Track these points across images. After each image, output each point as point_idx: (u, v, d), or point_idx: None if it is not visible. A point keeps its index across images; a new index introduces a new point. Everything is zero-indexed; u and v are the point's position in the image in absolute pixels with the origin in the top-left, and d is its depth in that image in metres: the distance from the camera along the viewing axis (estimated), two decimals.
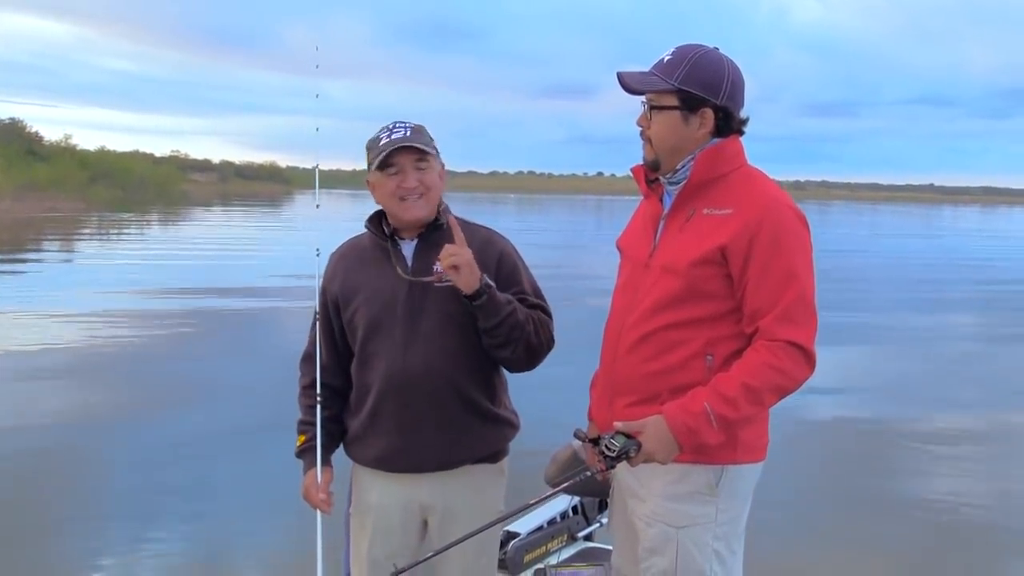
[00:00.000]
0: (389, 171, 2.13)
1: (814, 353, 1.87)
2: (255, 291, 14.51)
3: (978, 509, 5.36)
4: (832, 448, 6.62)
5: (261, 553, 4.40)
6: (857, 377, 9.02)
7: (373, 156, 2.15)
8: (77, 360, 8.99)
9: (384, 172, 2.13)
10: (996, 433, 7.27)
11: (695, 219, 1.96)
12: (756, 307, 1.88)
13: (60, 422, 6.67)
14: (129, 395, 7.68)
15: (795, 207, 1.95)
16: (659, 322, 1.95)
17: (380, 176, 2.15)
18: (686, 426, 1.82)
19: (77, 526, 4.64)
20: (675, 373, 1.94)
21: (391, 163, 2.12)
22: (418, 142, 2.12)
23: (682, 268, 1.93)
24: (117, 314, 11.74)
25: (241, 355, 9.53)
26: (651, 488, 2.00)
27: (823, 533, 4.88)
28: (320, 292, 2.28)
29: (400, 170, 2.13)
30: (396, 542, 2.22)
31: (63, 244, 24.20)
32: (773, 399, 1.87)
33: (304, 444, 2.25)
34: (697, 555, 1.95)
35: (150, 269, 17.33)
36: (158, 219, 37.55)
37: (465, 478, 2.21)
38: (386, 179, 2.14)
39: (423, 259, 2.17)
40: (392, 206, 2.16)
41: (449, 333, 2.14)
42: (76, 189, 44.95)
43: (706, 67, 1.95)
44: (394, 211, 2.17)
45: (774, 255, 1.87)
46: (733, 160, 1.99)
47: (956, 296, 16.82)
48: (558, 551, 3.10)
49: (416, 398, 2.13)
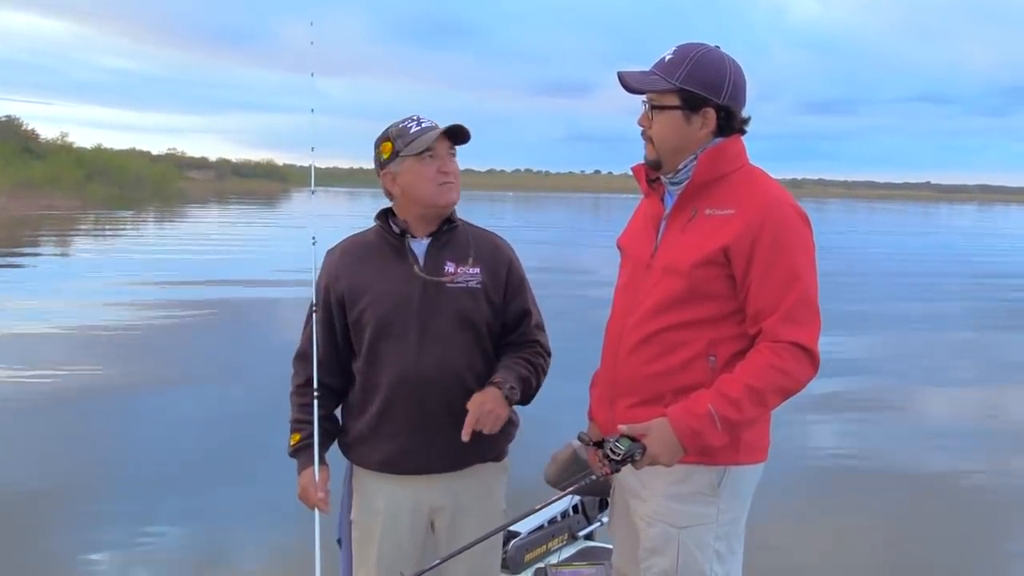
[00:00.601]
0: (427, 156, 2.12)
1: (818, 354, 1.86)
2: (256, 283, 14.59)
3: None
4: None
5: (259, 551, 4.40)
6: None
7: (405, 143, 2.13)
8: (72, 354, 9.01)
9: (420, 158, 2.12)
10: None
11: (697, 219, 1.95)
12: (759, 308, 1.87)
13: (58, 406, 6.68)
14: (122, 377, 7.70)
15: (797, 207, 1.94)
16: (661, 323, 1.94)
17: (414, 163, 2.13)
18: (690, 428, 1.81)
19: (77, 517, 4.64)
20: (677, 374, 1.93)
21: (430, 148, 2.12)
22: (461, 126, 2.14)
23: (684, 269, 1.92)
24: (119, 306, 11.77)
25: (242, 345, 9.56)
26: (653, 488, 1.99)
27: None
28: (322, 289, 2.23)
29: (437, 155, 2.13)
30: (404, 547, 2.19)
31: (59, 241, 24.17)
32: (777, 400, 1.87)
33: (299, 443, 2.21)
34: (698, 555, 1.95)
35: (146, 265, 17.33)
36: (155, 217, 37.52)
37: (474, 477, 2.21)
38: (423, 165, 2.12)
39: (435, 258, 2.16)
40: (429, 191, 2.13)
41: (462, 334, 2.13)
42: (72, 187, 44.89)
43: (708, 66, 1.93)
44: (430, 197, 2.14)
45: (777, 255, 1.86)
46: (735, 160, 1.98)
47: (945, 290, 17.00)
48: (559, 550, 3.11)
49: (429, 399, 2.12)
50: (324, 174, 36.29)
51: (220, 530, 4.63)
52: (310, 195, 2.75)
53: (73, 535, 4.49)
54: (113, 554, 4.29)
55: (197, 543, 4.46)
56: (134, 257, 19.12)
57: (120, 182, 54.52)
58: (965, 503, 5.29)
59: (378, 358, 2.15)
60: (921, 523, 4.95)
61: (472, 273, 2.16)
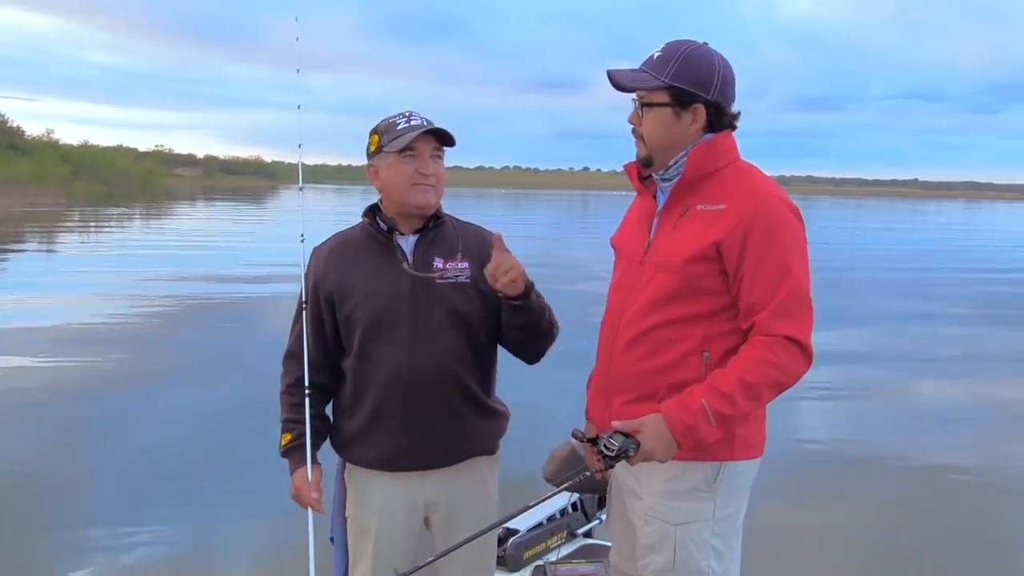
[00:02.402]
0: (407, 154, 2.10)
1: (811, 347, 1.87)
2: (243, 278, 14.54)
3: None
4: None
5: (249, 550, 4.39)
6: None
7: (389, 139, 2.11)
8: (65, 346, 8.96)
9: (401, 155, 2.10)
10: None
11: (689, 215, 1.95)
12: (752, 302, 1.87)
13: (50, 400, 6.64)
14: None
15: (789, 201, 1.94)
16: (655, 319, 1.95)
17: (395, 160, 2.11)
18: (684, 424, 1.81)
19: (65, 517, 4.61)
20: (672, 370, 1.93)
21: (411, 147, 2.10)
22: (445, 130, 2.11)
23: (677, 265, 1.92)
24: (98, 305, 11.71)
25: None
26: (649, 485, 1.99)
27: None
28: (310, 288, 2.21)
29: (419, 155, 2.11)
30: (400, 543, 2.18)
31: (43, 238, 23.98)
32: (770, 395, 1.87)
33: (291, 443, 2.19)
34: (695, 551, 1.95)
35: (127, 261, 17.21)
36: (140, 214, 37.27)
37: (469, 471, 2.20)
38: (402, 163, 2.10)
39: (424, 254, 2.15)
40: (402, 190, 2.11)
41: (454, 329, 2.12)
42: (58, 184, 44.48)
43: (696, 63, 1.94)
44: (403, 195, 2.12)
45: (768, 249, 1.86)
46: (726, 155, 1.98)
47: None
48: (557, 548, 3.09)
49: (423, 395, 2.11)
50: (313, 171, 36.29)
51: (210, 530, 4.61)
52: (299, 192, 2.70)
53: (57, 532, 4.46)
54: (97, 555, 4.26)
55: (186, 544, 4.43)
56: (115, 254, 18.99)
57: (107, 179, 54.08)
58: (957, 491, 5.37)
59: (370, 356, 2.13)
60: (913, 511, 5.02)
61: (461, 267, 2.15)
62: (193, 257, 18.19)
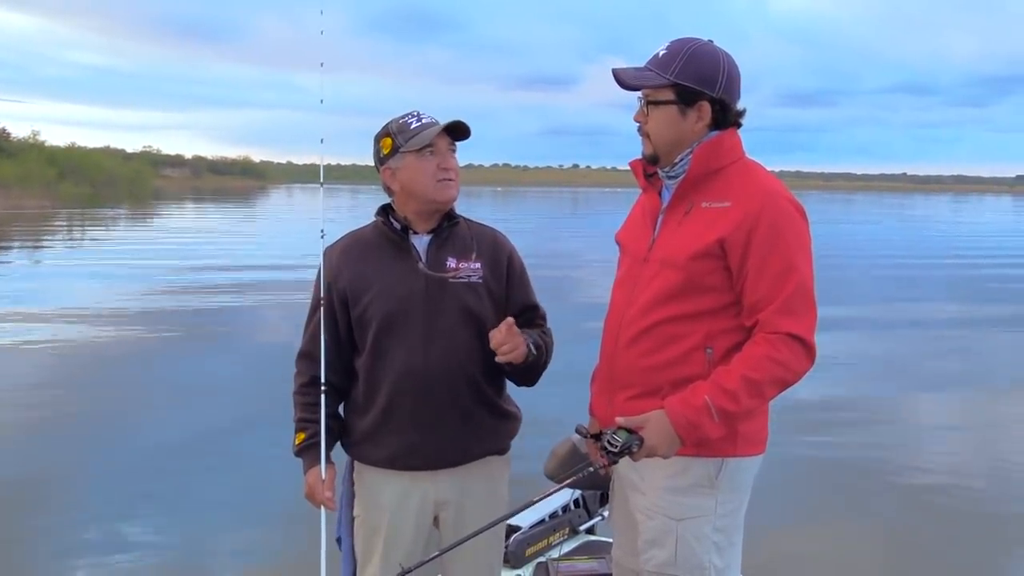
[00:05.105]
0: (427, 151, 2.12)
1: (814, 345, 1.88)
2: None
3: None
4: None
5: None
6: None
7: (405, 139, 2.13)
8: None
9: (420, 154, 2.12)
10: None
11: (694, 212, 1.96)
12: (755, 300, 1.88)
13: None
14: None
15: (793, 199, 1.95)
16: (658, 316, 1.95)
17: (414, 159, 2.13)
18: (687, 420, 1.82)
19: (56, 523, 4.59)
20: (675, 367, 1.94)
21: (431, 144, 2.12)
22: (463, 122, 2.14)
23: (681, 262, 1.93)
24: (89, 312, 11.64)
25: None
26: (652, 481, 2.00)
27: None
28: (324, 289, 2.21)
29: (438, 151, 2.13)
30: (409, 542, 2.18)
31: (27, 241, 23.80)
32: (774, 392, 1.88)
33: (305, 441, 2.20)
34: (696, 547, 1.96)
35: (112, 264, 17.12)
36: (126, 216, 37.01)
37: (479, 471, 2.21)
38: (423, 161, 2.12)
39: (437, 254, 2.16)
40: (427, 188, 2.13)
41: (467, 329, 2.13)
42: (44, 186, 44.17)
43: (701, 60, 1.95)
44: (428, 193, 2.14)
45: (773, 247, 1.87)
46: (731, 153, 1.99)
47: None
48: (560, 544, 3.10)
49: (435, 394, 2.11)
50: (304, 171, 35.98)
51: (207, 533, 4.59)
52: (319, 189, 2.80)
53: (52, 537, 4.44)
54: (89, 561, 4.24)
55: (181, 548, 4.42)
56: (99, 256, 18.88)
57: (93, 181, 53.74)
58: (961, 507, 5.26)
59: (383, 355, 2.14)
60: (918, 523, 4.93)
61: (474, 268, 2.17)
62: (193, 257, 18.06)
